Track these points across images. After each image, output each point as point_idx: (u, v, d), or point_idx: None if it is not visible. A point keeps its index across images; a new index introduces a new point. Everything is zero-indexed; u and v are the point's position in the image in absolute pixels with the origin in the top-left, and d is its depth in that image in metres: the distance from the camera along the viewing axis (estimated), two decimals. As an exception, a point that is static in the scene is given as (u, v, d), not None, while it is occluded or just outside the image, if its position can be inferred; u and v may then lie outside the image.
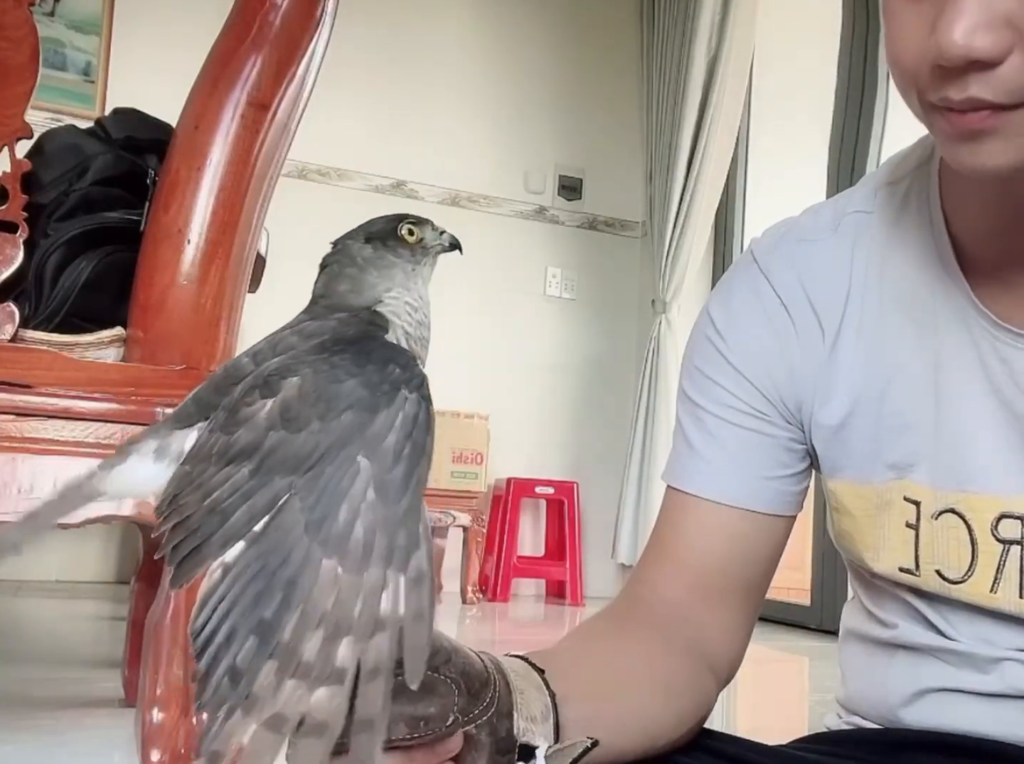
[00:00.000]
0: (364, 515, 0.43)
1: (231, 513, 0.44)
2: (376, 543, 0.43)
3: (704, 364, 0.74)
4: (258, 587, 0.42)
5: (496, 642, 3.09)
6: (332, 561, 0.42)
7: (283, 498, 0.44)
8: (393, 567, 0.42)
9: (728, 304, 0.74)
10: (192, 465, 0.47)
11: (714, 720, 1.96)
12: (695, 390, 0.74)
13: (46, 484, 1.13)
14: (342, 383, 0.46)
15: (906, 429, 0.67)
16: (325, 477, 0.44)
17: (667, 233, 3.91)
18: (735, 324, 0.73)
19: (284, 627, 0.41)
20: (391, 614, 0.42)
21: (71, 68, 3.53)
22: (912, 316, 0.67)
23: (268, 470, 0.44)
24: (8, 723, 1.54)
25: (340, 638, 0.41)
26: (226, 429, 0.46)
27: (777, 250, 0.73)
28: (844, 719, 0.77)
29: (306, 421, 0.45)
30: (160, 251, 1.23)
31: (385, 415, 0.45)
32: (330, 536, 0.42)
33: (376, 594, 0.42)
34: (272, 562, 0.42)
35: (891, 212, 0.70)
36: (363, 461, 0.44)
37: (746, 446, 0.72)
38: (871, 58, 3.38)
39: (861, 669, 0.76)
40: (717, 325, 0.74)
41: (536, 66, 4.22)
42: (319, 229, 4.23)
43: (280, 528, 0.43)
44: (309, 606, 0.41)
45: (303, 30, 1.25)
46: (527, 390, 4.10)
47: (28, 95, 1.20)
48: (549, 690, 0.56)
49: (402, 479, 0.44)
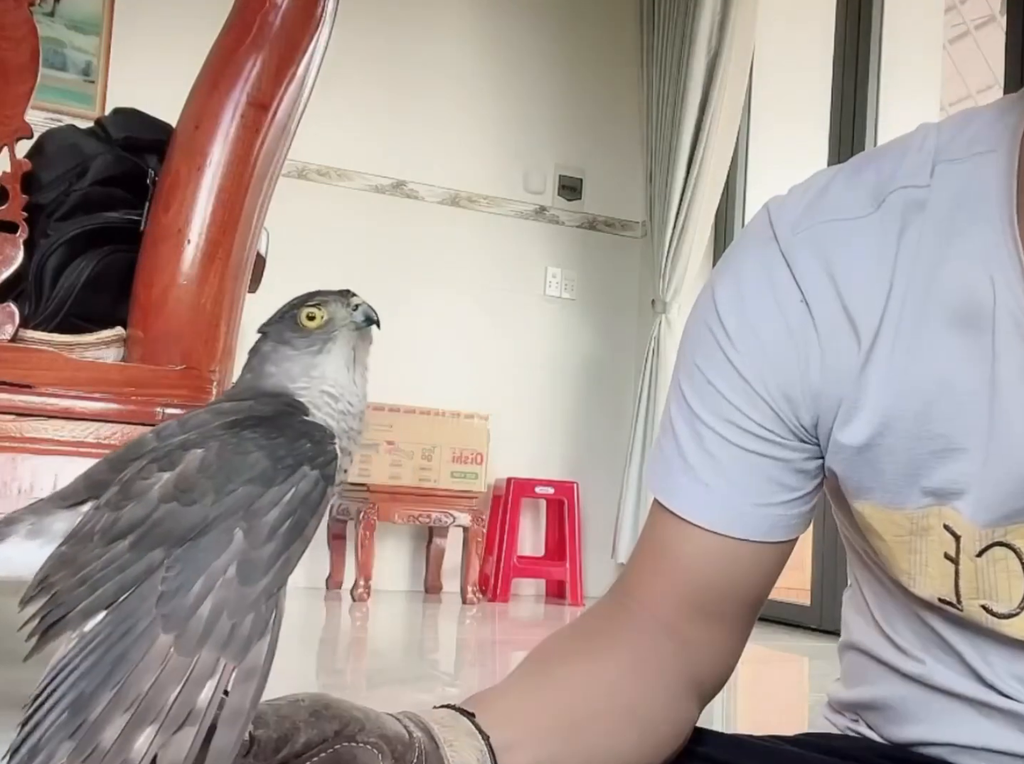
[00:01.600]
0: (217, 592, 0.40)
1: (101, 584, 0.41)
2: (219, 624, 0.39)
3: (706, 365, 0.64)
4: (94, 658, 0.39)
5: (496, 642, 3.10)
6: (168, 637, 0.39)
7: (155, 570, 0.41)
8: (228, 654, 0.39)
9: (737, 292, 0.63)
10: (70, 545, 0.44)
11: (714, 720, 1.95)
12: (694, 395, 0.65)
13: (46, 484, 1.13)
14: (248, 455, 0.43)
15: (951, 454, 0.58)
16: (198, 548, 0.41)
17: (667, 233, 3.91)
18: (744, 321, 0.62)
19: (97, 705, 0.38)
20: (207, 707, 0.38)
21: (71, 68, 3.53)
22: (966, 324, 0.57)
23: (149, 543, 0.41)
24: (8, 723, 1.53)
25: (144, 726, 0.37)
26: (115, 505, 0.43)
27: (803, 227, 0.61)
28: (847, 720, 0.74)
29: (202, 493, 0.42)
30: (160, 251, 1.23)
31: (277, 490, 0.42)
32: (176, 610, 0.39)
33: (200, 681, 0.38)
34: (117, 631, 0.39)
35: (951, 196, 0.58)
36: (238, 534, 0.41)
37: (748, 471, 0.63)
38: (863, 57, 3.38)
39: (875, 688, 0.69)
40: (723, 318, 0.63)
41: (536, 66, 4.21)
42: (319, 229, 4.24)
43: (138, 596, 0.40)
44: (128, 685, 0.38)
45: (303, 30, 1.24)
46: (527, 390, 4.10)
47: (28, 95, 1.20)
48: (482, 733, 0.52)
49: (268, 557, 0.41)
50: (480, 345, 4.02)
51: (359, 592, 3.44)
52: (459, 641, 3.12)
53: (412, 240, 3.93)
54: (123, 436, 1.17)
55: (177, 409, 1.19)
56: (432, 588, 3.79)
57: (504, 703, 0.56)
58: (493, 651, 2.94)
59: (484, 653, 2.88)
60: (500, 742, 0.53)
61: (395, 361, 3.38)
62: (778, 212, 0.64)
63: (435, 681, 2.22)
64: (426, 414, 3.65)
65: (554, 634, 0.67)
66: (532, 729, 0.55)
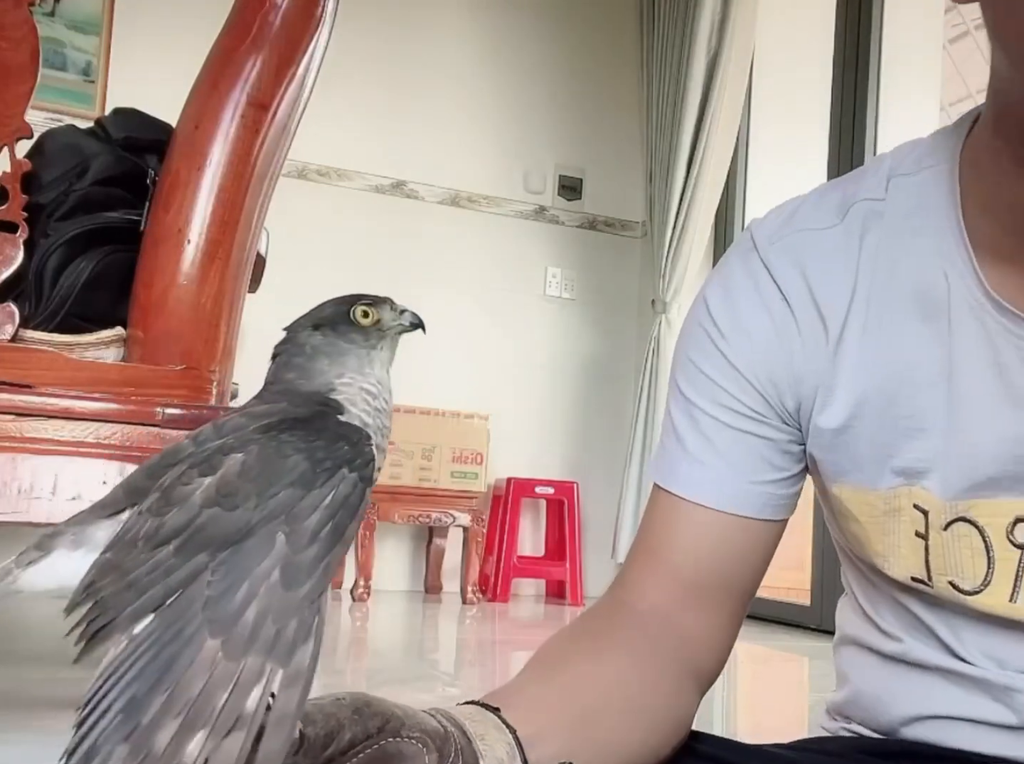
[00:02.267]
0: (261, 597, 0.40)
1: (147, 589, 0.41)
2: (264, 629, 0.40)
3: (699, 358, 0.70)
4: (144, 661, 0.40)
5: (496, 642, 3.10)
6: (215, 642, 0.39)
7: (200, 573, 0.41)
8: (273, 659, 0.39)
9: (726, 294, 0.70)
10: (114, 552, 0.44)
11: (714, 721, 1.95)
12: (689, 385, 0.71)
13: (46, 484, 1.13)
14: (287, 458, 0.43)
15: (917, 433, 0.63)
16: (242, 552, 0.41)
17: (667, 233, 3.91)
18: (734, 318, 0.69)
19: (149, 709, 0.38)
20: (254, 712, 0.39)
21: (71, 68, 3.53)
22: (925, 313, 0.63)
23: (194, 547, 0.42)
24: (8, 723, 1.53)
25: (195, 731, 0.38)
26: (158, 511, 0.44)
27: (779, 239, 0.69)
28: (841, 724, 0.75)
29: (244, 497, 0.42)
30: (160, 251, 1.23)
31: (317, 493, 0.43)
32: (222, 615, 0.40)
33: (247, 687, 0.39)
34: (165, 635, 0.40)
35: (905, 204, 0.66)
36: (280, 538, 0.41)
37: (741, 450, 0.69)
38: (863, 57, 3.38)
39: (861, 678, 0.73)
40: (715, 317, 0.70)
41: (536, 66, 4.21)
42: (319, 229, 4.24)
43: (185, 600, 0.41)
44: (178, 689, 0.39)
45: (303, 30, 1.25)
46: (527, 390, 4.10)
47: (28, 95, 1.20)
48: (509, 727, 0.54)
49: (310, 562, 0.41)
50: (480, 345, 4.02)
51: (359, 592, 3.44)
52: (459, 641, 3.12)
53: (412, 240, 3.93)
54: (123, 436, 1.17)
55: (177, 409, 1.19)
56: (432, 588, 3.79)
57: (522, 699, 0.58)
58: (493, 651, 2.94)
59: (484, 653, 2.88)
60: (524, 736, 0.54)
61: (395, 361, 3.38)
62: (758, 229, 0.72)
63: (435, 681, 2.22)
64: (426, 414, 3.65)
65: (556, 635, 0.69)
66: (552, 724, 0.57)
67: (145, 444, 1.17)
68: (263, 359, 0.53)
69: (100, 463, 1.16)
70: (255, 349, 0.50)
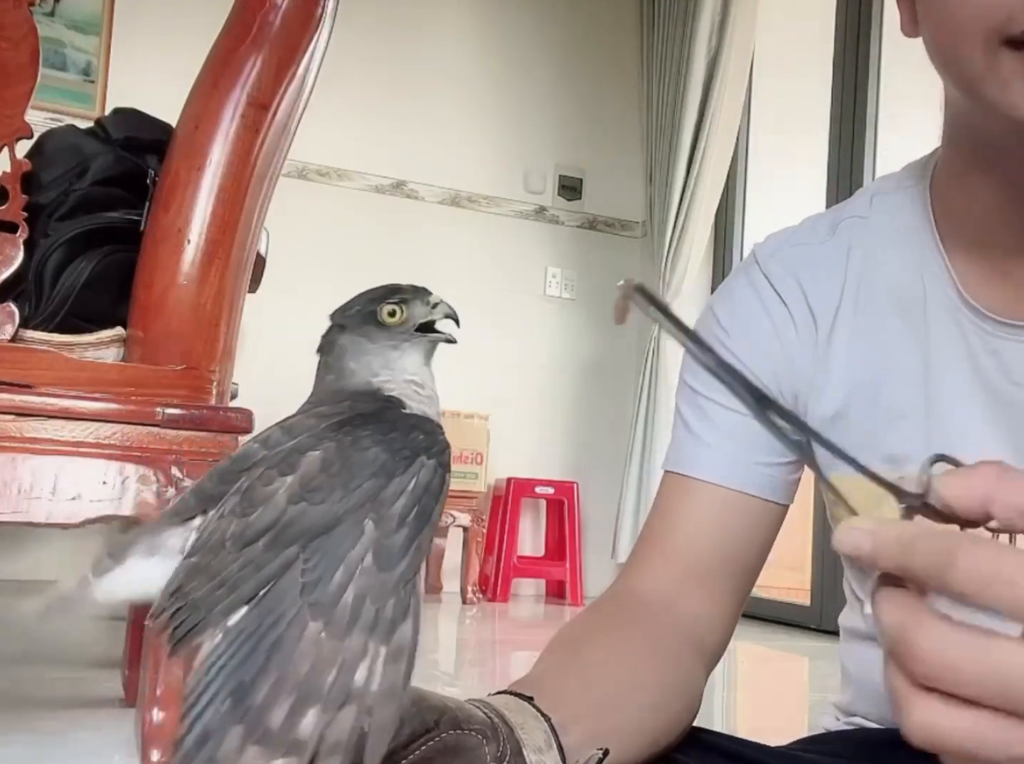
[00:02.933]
0: (358, 579, 0.42)
1: (240, 584, 0.43)
2: (364, 609, 0.41)
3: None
4: (247, 648, 0.41)
5: (496, 642, 3.10)
6: (318, 624, 0.41)
7: (291, 564, 0.43)
8: (376, 637, 0.41)
9: (730, 301, 0.78)
10: (201, 555, 0.45)
11: (714, 720, 1.94)
12: (695, 379, 0.76)
13: (46, 484, 1.13)
14: (366, 450, 0.45)
15: (899, 422, 0.69)
16: (332, 540, 0.43)
17: (667, 233, 3.91)
18: (737, 318, 0.76)
19: (259, 690, 0.40)
20: (363, 687, 0.40)
21: (71, 68, 3.53)
22: (904, 312, 0.70)
23: (284, 541, 0.43)
24: (8, 723, 1.53)
25: (309, 706, 0.39)
26: (241, 512, 0.45)
27: (778, 253, 0.77)
28: (843, 720, 0.78)
29: (329, 491, 0.44)
30: (160, 251, 1.23)
31: (399, 480, 0.44)
32: (321, 598, 0.41)
33: (354, 664, 0.40)
34: (265, 623, 0.41)
35: (886, 217, 0.73)
36: (369, 524, 0.43)
37: (743, 431, 0.73)
38: (863, 57, 3.38)
39: (862, 670, 0.76)
40: (720, 320, 0.77)
41: (536, 66, 4.21)
42: (319, 229, 4.24)
43: (280, 589, 0.42)
44: (287, 670, 0.40)
45: (303, 30, 1.25)
46: (527, 390, 4.10)
47: (28, 95, 1.20)
48: (544, 716, 0.55)
49: (402, 544, 0.43)
50: (480, 345, 4.02)
51: (359, 592, 3.44)
52: (459, 641, 3.13)
53: (412, 240, 3.93)
54: (123, 436, 1.17)
55: (177, 409, 1.19)
56: (432, 588, 3.79)
57: (548, 688, 0.59)
58: (493, 651, 2.94)
59: (484, 653, 2.88)
60: (556, 723, 0.55)
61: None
62: (759, 249, 0.79)
63: (435, 681, 2.22)
64: (426, 414, 3.65)
65: (568, 624, 0.72)
66: (576, 711, 0.58)
67: (145, 444, 1.17)
68: (263, 359, 0.54)
69: (100, 463, 1.16)
70: (255, 349, 0.50)
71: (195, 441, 1.19)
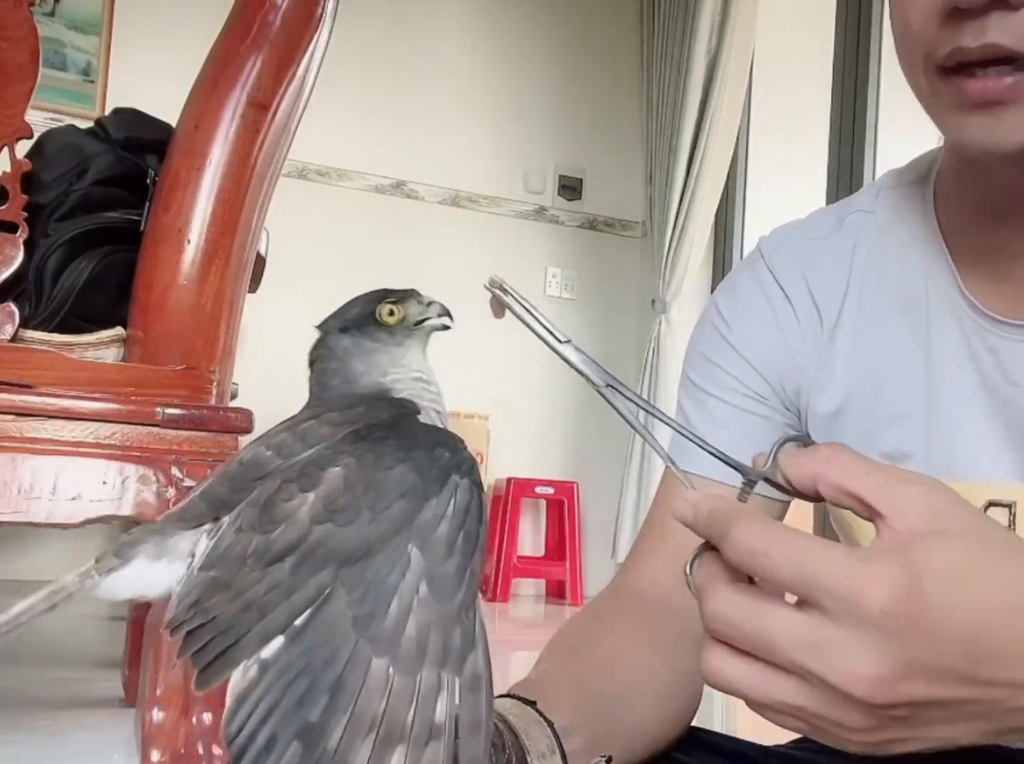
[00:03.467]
0: (416, 611, 0.40)
1: (270, 609, 0.41)
2: (430, 642, 0.40)
3: (709, 350, 0.76)
4: (301, 687, 0.39)
5: (496, 642, 3.09)
6: (383, 661, 0.39)
7: (327, 591, 0.41)
8: (448, 669, 0.40)
9: (734, 295, 0.77)
10: (220, 569, 0.43)
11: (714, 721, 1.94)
12: (698, 375, 0.76)
13: (46, 484, 1.13)
14: (391, 470, 0.43)
15: (899, 420, 0.68)
16: (373, 568, 0.41)
17: (667, 233, 3.91)
18: (740, 312, 0.75)
19: (332, 732, 0.38)
20: (447, 721, 0.39)
21: (71, 68, 3.53)
22: (907, 311, 0.69)
23: (312, 565, 0.41)
24: (8, 723, 1.53)
25: (394, 746, 0.38)
26: (261, 528, 0.43)
27: (783, 247, 0.76)
28: None
29: (356, 512, 0.42)
30: (160, 251, 1.23)
31: (436, 502, 0.42)
32: (380, 633, 0.39)
33: (431, 698, 0.39)
34: (317, 660, 0.39)
35: (890, 213, 0.72)
36: (415, 552, 0.41)
37: (744, 426, 0.73)
38: (864, 57, 3.38)
39: None
40: (723, 314, 0.76)
41: (536, 66, 4.21)
42: (319, 229, 4.25)
43: (325, 623, 0.40)
44: (359, 709, 0.38)
45: (303, 30, 1.25)
46: (527, 390, 4.10)
47: (28, 95, 1.20)
48: (547, 720, 0.55)
49: (456, 572, 0.41)
50: (480, 345, 4.02)
51: (359, 592, 3.44)
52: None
53: (412, 240, 3.93)
54: (123, 436, 1.17)
55: (177, 409, 1.19)
56: (432, 588, 3.79)
57: (549, 692, 0.59)
58: (493, 651, 2.93)
59: (484, 653, 2.88)
60: (558, 727, 0.55)
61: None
62: (764, 243, 0.78)
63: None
64: (426, 414, 3.65)
65: (568, 623, 0.71)
66: (577, 716, 0.58)
67: (145, 444, 1.17)
68: (263, 359, 0.53)
69: (100, 463, 1.16)
70: (255, 349, 0.49)
71: (195, 441, 1.19)
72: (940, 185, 0.70)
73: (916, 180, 0.72)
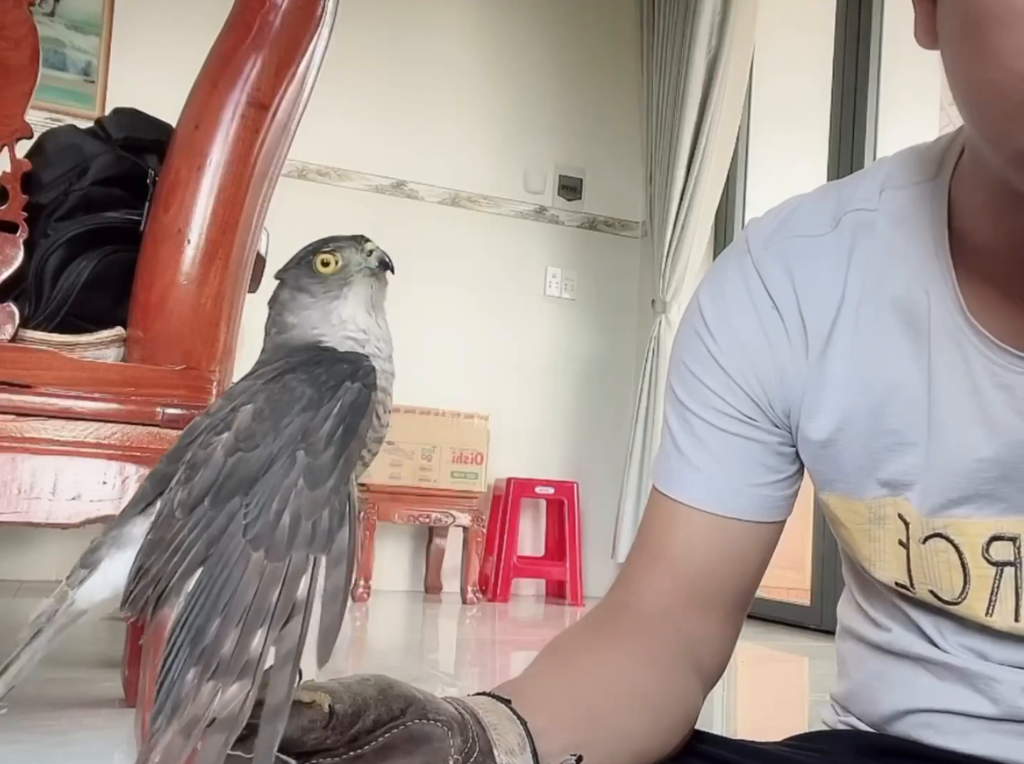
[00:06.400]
0: (292, 503, 0.43)
1: (192, 547, 0.43)
2: (301, 527, 0.43)
3: (693, 362, 0.71)
4: (202, 600, 0.42)
5: (496, 642, 3.09)
6: (259, 553, 0.42)
7: (237, 513, 0.44)
8: (315, 548, 0.43)
9: (718, 298, 0.71)
10: (155, 531, 0.46)
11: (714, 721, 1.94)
12: (683, 390, 0.72)
13: (46, 484, 1.13)
14: (294, 390, 0.46)
15: (902, 448, 0.64)
16: (267, 479, 0.44)
17: (667, 233, 3.91)
18: (725, 321, 0.70)
19: (211, 630, 0.41)
20: (306, 597, 0.42)
21: (71, 68, 3.53)
22: (907, 330, 0.64)
23: (226, 494, 0.44)
24: (8, 723, 1.53)
25: (255, 630, 0.41)
26: (187, 480, 0.45)
27: (772, 243, 0.69)
28: (840, 717, 0.77)
29: (262, 435, 0.45)
30: (160, 251, 1.22)
31: (326, 408, 0.45)
32: (260, 530, 0.43)
33: (296, 578, 0.42)
34: (215, 572, 0.42)
35: (895, 217, 0.66)
36: (300, 454, 0.44)
37: (735, 453, 0.69)
38: (863, 57, 3.38)
39: (856, 669, 0.75)
40: (707, 320, 0.71)
41: (536, 66, 4.21)
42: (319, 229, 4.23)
43: (227, 541, 0.43)
44: (234, 603, 0.41)
45: (303, 30, 1.24)
46: (527, 390, 4.10)
47: (28, 95, 1.20)
48: (520, 718, 0.55)
49: (330, 461, 0.44)
50: (480, 345, 4.02)
51: (359, 592, 3.44)
52: (459, 641, 3.12)
53: (412, 240, 3.92)
54: (123, 436, 1.17)
55: (177, 409, 1.19)
56: (432, 588, 3.79)
57: (532, 692, 0.58)
58: (493, 651, 2.94)
59: (484, 653, 2.88)
60: (534, 728, 0.55)
61: (395, 361, 3.38)
62: (753, 231, 0.71)
63: (435, 681, 2.22)
64: (426, 414, 3.65)
65: (564, 632, 0.70)
66: (560, 717, 0.57)
67: (145, 444, 1.17)
68: (263, 359, 0.54)
69: (100, 463, 1.16)
70: (255, 349, 0.49)
71: (195, 441, 1.18)
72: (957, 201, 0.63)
73: (925, 180, 0.65)
